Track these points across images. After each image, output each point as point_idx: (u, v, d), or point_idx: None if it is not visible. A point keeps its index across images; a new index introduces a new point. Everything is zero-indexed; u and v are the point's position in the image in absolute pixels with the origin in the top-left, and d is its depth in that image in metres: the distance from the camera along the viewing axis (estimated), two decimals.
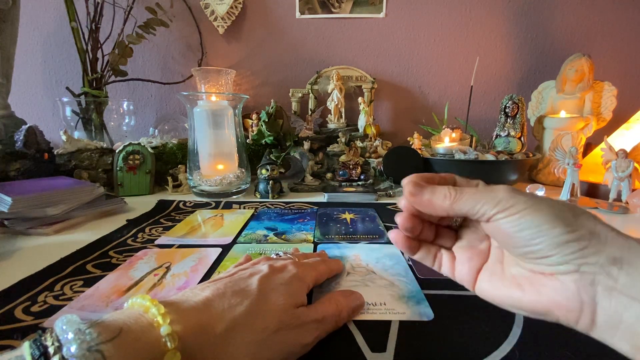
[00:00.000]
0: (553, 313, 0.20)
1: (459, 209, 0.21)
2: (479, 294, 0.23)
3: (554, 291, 0.19)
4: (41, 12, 1.08)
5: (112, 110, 0.97)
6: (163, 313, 0.19)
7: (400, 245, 0.25)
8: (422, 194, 0.23)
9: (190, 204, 0.64)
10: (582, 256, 0.18)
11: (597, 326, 0.18)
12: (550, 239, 0.19)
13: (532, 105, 0.96)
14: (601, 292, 0.18)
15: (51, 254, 0.40)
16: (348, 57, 1.09)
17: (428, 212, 0.23)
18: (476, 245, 0.24)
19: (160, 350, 0.18)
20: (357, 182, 0.78)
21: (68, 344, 0.16)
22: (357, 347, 0.25)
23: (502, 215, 0.20)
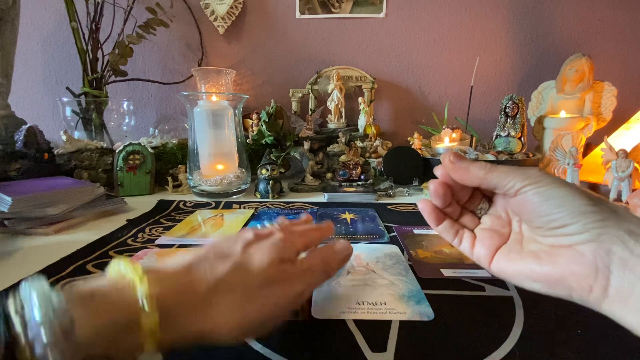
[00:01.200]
0: (567, 281, 0.20)
1: (492, 179, 0.24)
2: (494, 271, 0.25)
3: (571, 259, 0.20)
4: (41, 12, 1.08)
5: (112, 110, 0.97)
6: (140, 276, 0.18)
7: (426, 212, 0.27)
8: (461, 161, 0.25)
9: (191, 204, 0.64)
10: (602, 226, 0.19)
11: (608, 297, 0.19)
12: (573, 208, 0.20)
13: (532, 105, 0.96)
14: (616, 262, 0.19)
15: (51, 254, 0.40)
16: (348, 57, 1.08)
17: (462, 179, 0.25)
18: (498, 229, 0.26)
19: (136, 312, 0.17)
20: (357, 182, 0.78)
21: (33, 308, 0.15)
22: (357, 347, 0.25)
23: (531, 187, 0.22)
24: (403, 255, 0.41)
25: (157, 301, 0.18)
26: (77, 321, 0.16)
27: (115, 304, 0.17)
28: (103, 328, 0.16)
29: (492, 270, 0.25)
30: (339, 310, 0.29)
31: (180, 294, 0.19)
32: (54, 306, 0.15)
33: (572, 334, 0.26)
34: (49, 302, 0.16)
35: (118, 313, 0.17)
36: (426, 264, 0.39)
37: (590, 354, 0.24)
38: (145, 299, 0.18)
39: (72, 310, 0.16)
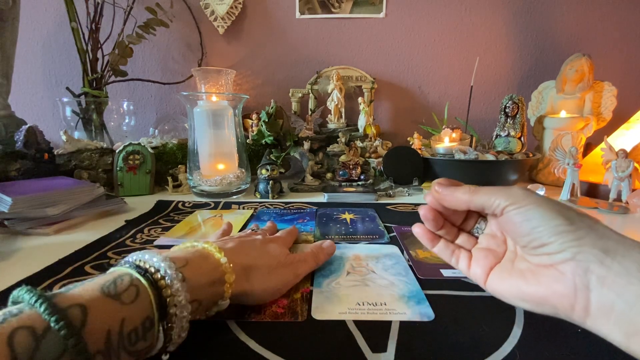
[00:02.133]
0: (550, 300, 0.21)
1: (477, 200, 0.25)
2: (489, 289, 0.26)
3: (553, 279, 0.21)
4: (41, 12, 1.08)
5: (112, 110, 0.97)
6: (219, 249, 0.27)
7: (420, 235, 0.29)
8: (447, 188, 0.27)
9: (190, 204, 0.64)
10: (578, 245, 0.20)
11: (590, 314, 0.20)
12: (550, 228, 0.21)
13: (532, 105, 0.96)
14: (594, 280, 0.19)
15: (51, 254, 0.40)
16: (348, 57, 1.08)
17: (451, 205, 0.27)
18: (494, 248, 0.27)
19: (221, 271, 0.26)
20: (357, 182, 0.78)
21: (159, 266, 0.22)
22: (357, 347, 0.25)
23: (513, 207, 0.23)
24: (403, 255, 0.41)
25: (232, 267, 0.26)
26: (186, 276, 0.23)
27: (203, 267, 0.25)
28: (202, 281, 0.24)
29: (487, 289, 0.26)
30: (339, 311, 0.29)
31: (235, 265, 0.27)
32: (169, 265, 0.22)
33: (572, 333, 0.26)
34: (166, 262, 0.22)
35: (208, 273, 0.25)
36: (426, 264, 0.39)
37: (590, 353, 0.24)
38: (227, 264, 0.26)
39: (181, 269, 0.23)
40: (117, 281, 0.20)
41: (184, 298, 0.22)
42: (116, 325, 0.18)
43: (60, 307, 0.17)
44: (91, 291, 0.19)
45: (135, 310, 0.20)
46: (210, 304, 0.26)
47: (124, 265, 0.22)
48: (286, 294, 0.32)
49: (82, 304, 0.18)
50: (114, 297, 0.19)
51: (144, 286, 0.21)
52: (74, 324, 0.17)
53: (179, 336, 0.22)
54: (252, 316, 0.28)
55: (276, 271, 0.31)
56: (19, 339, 0.15)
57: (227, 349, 0.25)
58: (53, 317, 0.16)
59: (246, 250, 0.31)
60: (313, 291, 0.32)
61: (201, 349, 0.25)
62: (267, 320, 0.28)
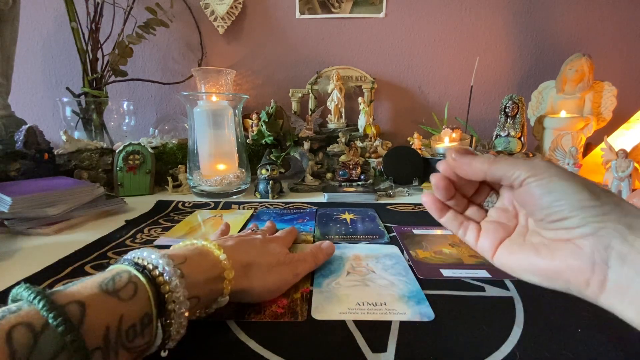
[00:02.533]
0: (564, 275, 0.21)
1: (496, 170, 0.24)
2: (497, 263, 0.25)
3: (569, 253, 0.20)
4: (41, 12, 1.08)
5: (112, 110, 0.97)
6: (218, 247, 0.27)
7: (429, 204, 0.28)
8: (463, 157, 0.25)
9: (190, 204, 0.64)
10: (601, 220, 0.19)
11: (606, 290, 0.19)
12: (573, 202, 0.20)
13: (532, 105, 0.96)
14: (614, 256, 0.19)
15: (51, 254, 0.40)
16: (348, 57, 1.08)
17: (467, 174, 0.25)
18: (504, 222, 0.26)
19: (221, 268, 0.26)
20: (357, 182, 0.78)
21: (157, 263, 0.22)
22: (357, 347, 0.25)
23: (534, 179, 0.22)
24: (403, 255, 0.41)
25: (231, 264, 0.27)
26: (185, 272, 0.23)
27: (202, 265, 0.25)
28: (201, 278, 0.24)
29: (495, 263, 0.25)
30: (339, 311, 0.29)
31: (234, 262, 0.27)
32: (168, 262, 0.22)
33: (572, 333, 0.26)
34: (164, 259, 0.22)
35: (210, 269, 0.25)
36: (426, 264, 0.39)
37: (590, 354, 0.24)
38: (226, 261, 0.26)
39: (180, 266, 0.23)
40: (115, 278, 0.20)
41: (183, 294, 0.22)
42: (115, 322, 0.18)
43: (59, 303, 0.17)
44: (90, 288, 0.19)
45: (134, 307, 0.20)
46: (209, 301, 0.26)
47: (123, 263, 0.22)
48: (286, 294, 0.32)
49: (80, 300, 0.18)
50: (113, 293, 0.19)
51: (142, 283, 0.21)
52: (72, 320, 0.17)
53: (178, 332, 0.22)
54: (252, 316, 0.28)
55: (276, 269, 0.31)
56: (17, 336, 0.15)
57: (227, 349, 0.25)
58: (51, 313, 0.16)
59: (246, 248, 0.31)
60: (313, 291, 0.32)
61: (201, 349, 0.25)
62: (267, 320, 0.28)
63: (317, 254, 0.37)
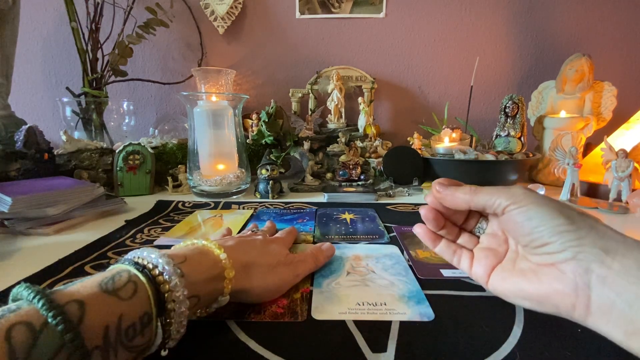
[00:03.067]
0: (552, 299, 0.22)
1: (478, 200, 0.25)
2: (491, 289, 0.26)
3: (553, 278, 0.22)
4: (41, 12, 1.08)
5: (112, 110, 0.97)
6: (218, 246, 0.27)
7: (422, 236, 0.30)
8: (447, 188, 0.27)
9: (190, 204, 0.64)
10: (579, 245, 0.20)
11: (591, 313, 0.20)
12: (551, 228, 0.21)
13: (532, 105, 0.96)
14: (595, 279, 0.20)
15: (51, 254, 0.40)
16: (348, 57, 1.08)
17: (452, 204, 0.27)
18: (495, 248, 0.27)
19: (221, 267, 0.26)
20: (357, 182, 0.78)
21: (157, 262, 0.22)
22: (357, 347, 0.25)
23: (514, 207, 0.23)
24: (403, 255, 0.41)
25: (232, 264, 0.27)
26: (185, 272, 0.23)
27: (202, 264, 0.25)
28: (201, 277, 0.24)
29: (489, 289, 0.26)
30: (339, 311, 0.29)
31: (234, 262, 0.27)
32: (168, 261, 0.22)
33: (572, 333, 0.26)
34: (164, 259, 0.22)
35: (211, 268, 0.25)
36: (426, 264, 0.39)
37: (590, 354, 0.24)
38: (227, 260, 0.26)
39: (180, 266, 0.23)
40: (115, 277, 0.20)
41: (182, 294, 0.22)
42: (114, 321, 0.18)
43: (58, 303, 0.17)
44: (89, 287, 0.19)
45: (134, 306, 0.20)
46: (209, 300, 0.26)
47: (122, 263, 0.22)
48: (286, 294, 0.32)
49: (80, 299, 0.18)
50: (112, 293, 0.19)
51: (142, 282, 0.21)
52: (71, 319, 0.17)
53: (178, 332, 0.22)
54: (252, 316, 0.28)
55: (276, 270, 0.31)
56: (17, 334, 0.15)
57: (227, 349, 0.25)
58: (51, 312, 0.16)
59: (246, 248, 0.31)
60: (313, 291, 0.32)
61: (201, 349, 0.25)
62: (267, 320, 0.28)
63: (317, 255, 0.37)
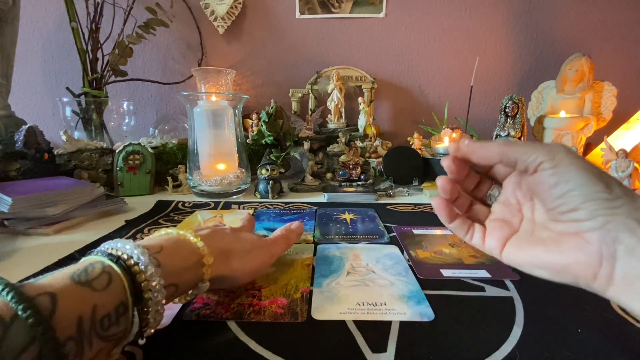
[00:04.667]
0: (572, 269, 0.21)
1: (512, 152, 0.23)
2: (505, 259, 0.25)
3: (576, 248, 0.20)
4: (41, 12, 1.08)
5: (112, 110, 0.97)
6: (195, 235, 0.27)
7: (441, 210, 0.27)
8: (476, 143, 0.25)
9: (190, 204, 0.64)
10: (611, 214, 0.19)
11: (613, 283, 0.19)
12: (587, 194, 0.20)
13: (532, 105, 0.96)
14: (622, 250, 0.19)
15: (51, 254, 0.40)
16: (348, 57, 1.08)
17: (482, 157, 0.25)
18: (509, 218, 0.26)
19: (199, 254, 0.26)
20: (357, 182, 0.78)
21: (132, 253, 0.22)
22: (357, 347, 0.25)
23: (549, 165, 0.21)
24: (403, 255, 0.41)
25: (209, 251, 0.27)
26: (161, 261, 0.23)
27: (184, 251, 0.26)
28: (178, 266, 0.25)
29: (503, 259, 0.25)
30: (339, 311, 0.29)
31: (212, 250, 0.28)
32: (143, 251, 0.22)
33: (572, 333, 0.26)
34: (139, 249, 0.22)
35: (188, 256, 0.26)
36: (426, 264, 0.39)
37: (590, 354, 0.24)
38: (204, 248, 0.27)
39: (155, 255, 0.23)
40: (88, 269, 0.20)
41: (159, 283, 0.22)
42: (88, 312, 0.19)
43: (28, 295, 0.17)
44: (60, 280, 0.19)
45: (108, 297, 0.20)
46: (188, 288, 0.27)
47: (96, 254, 0.22)
48: (286, 294, 0.32)
49: (51, 292, 0.18)
50: (85, 284, 0.19)
51: (116, 272, 0.21)
52: (42, 312, 0.17)
53: (155, 320, 0.22)
54: (252, 316, 0.28)
55: (252, 253, 0.32)
56: None
57: (227, 349, 0.25)
58: (20, 305, 0.16)
59: (221, 235, 0.31)
60: (313, 291, 0.32)
61: (201, 349, 0.25)
62: (267, 321, 0.28)
63: (288, 235, 0.38)
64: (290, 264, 0.38)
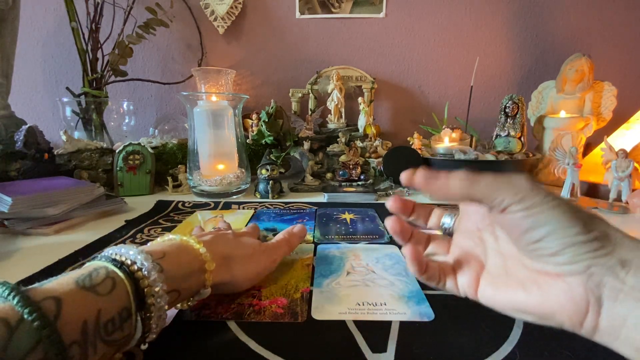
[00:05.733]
0: (557, 316, 0.19)
1: (476, 192, 0.21)
2: (482, 300, 0.23)
3: (560, 292, 0.19)
4: (41, 12, 1.08)
5: (112, 110, 0.97)
6: (197, 241, 0.27)
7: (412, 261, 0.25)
8: (438, 177, 0.22)
9: (190, 204, 0.64)
10: (593, 257, 0.18)
11: (600, 329, 0.18)
12: (564, 238, 0.18)
13: (532, 105, 0.96)
14: (607, 294, 0.18)
15: (51, 254, 0.40)
16: (348, 57, 1.08)
17: (441, 196, 0.22)
18: (472, 249, 0.25)
19: (201, 260, 0.27)
20: (357, 182, 0.78)
21: (135, 258, 0.22)
22: (357, 347, 0.25)
23: (520, 207, 0.19)
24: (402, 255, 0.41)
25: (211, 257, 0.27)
26: (164, 267, 0.23)
27: (186, 258, 0.26)
28: (181, 272, 0.25)
29: (480, 299, 0.23)
30: (339, 311, 0.29)
31: (215, 255, 0.28)
32: (146, 257, 0.22)
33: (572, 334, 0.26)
34: (143, 254, 0.23)
35: (190, 263, 0.26)
36: None
37: (590, 354, 0.24)
38: (207, 254, 0.27)
39: (159, 261, 0.23)
40: (92, 274, 0.20)
41: (162, 288, 0.22)
42: (92, 316, 0.19)
43: (34, 299, 0.17)
44: (65, 284, 0.19)
45: (112, 301, 0.20)
46: (190, 294, 0.27)
47: (100, 260, 0.23)
48: (286, 294, 0.32)
49: (56, 296, 0.18)
50: (90, 289, 0.20)
51: (120, 278, 0.21)
52: (47, 315, 0.17)
53: (157, 325, 0.22)
54: (252, 316, 0.28)
55: (253, 258, 0.32)
56: None
57: (227, 349, 0.25)
58: (26, 308, 0.16)
59: (223, 241, 0.32)
60: (313, 291, 0.32)
61: (201, 349, 0.25)
62: (267, 321, 0.28)
63: (290, 239, 0.38)
64: (290, 264, 0.38)
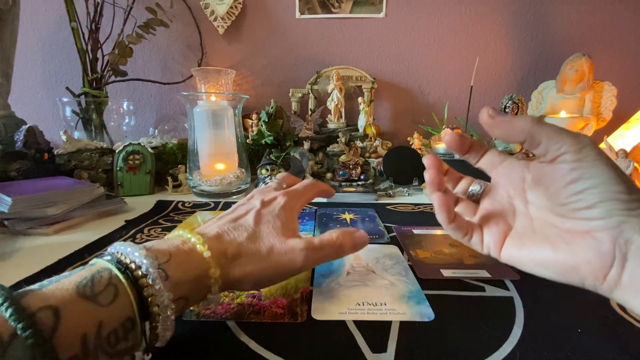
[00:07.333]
0: (582, 270, 0.20)
1: (540, 133, 0.21)
2: (504, 258, 0.24)
3: (588, 248, 0.20)
4: (41, 12, 1.07)
5: (112, 110, 0.97)
6: (202, 242, 0.25)
7: (442, 207, 0.25)
8: (501, 115, 0.23)
9: (189, 204, 0.64)
10: (628, 215, 0.19)
11: (621, 285, 0.19)
12: (607, 193, 0.19)
13: (532, 105, 0.96)
14: (634, 251, 0.19)
15: (51, 254, 0.40)
16: (348, 57, 1.08)
17: (505, 135, 0.23)
18: (501, 212, 0.25)
19: (205, 266, 0.24)
20: (357, 182, 0.78)
21: (141, 262, 0.21)
22: (357, 347, 0.25)
23: (574, 157, 0.20)
24: (403, 255, 0.41)
25: (216, 260, 0.25)
26: (169, 273, 0.22)
27: (187, 262, 0.23)
28: (186, 277, 0.23)
29: (502, 258, 0.24)
30: (339, 311, 0.29)
31: (220, 256, 0.25)
32: (152, 262, 0.21)
33: (572, 333, 0.26)
34: (151, 259, 0.21)
35: (192, 268, 0.23)
36: (426, 264, 0.38)
37: (590, 354, 0.24)
38: (212, 259, 0.24)
39: (163, 266, 0.22)
40: (94, 278, 0.19)
41: (167, 297, 0.21)
42: (93, 329, 0.18)
43: (29, 311, 0.16)
44: (65, 290, 0.18)
45: (114, 312, 0.19)
46: (199, 298, 0.25)
47: (104, 257, 0.21)
48: (286, 294, 0.32)
49: (55, 305, 0.17)
50: (91, 298, 0.18)
51: (123, 285, 0.20)
52: (43, 330, 0.16)
53: (164, 335, 0.21)
54: (252, 316, 0.28)
55: (269, 258, 0.26)
56: None
57: (227, 349, 0.25)
58: (20, 324, 0.15)
59: (231, 235, 0.27)
60: (313, 291, 0.32)
61: (201, 349, 0.25)
62: (267, 321, 0.28)
63: (342, 243, 0.28)
64: None
